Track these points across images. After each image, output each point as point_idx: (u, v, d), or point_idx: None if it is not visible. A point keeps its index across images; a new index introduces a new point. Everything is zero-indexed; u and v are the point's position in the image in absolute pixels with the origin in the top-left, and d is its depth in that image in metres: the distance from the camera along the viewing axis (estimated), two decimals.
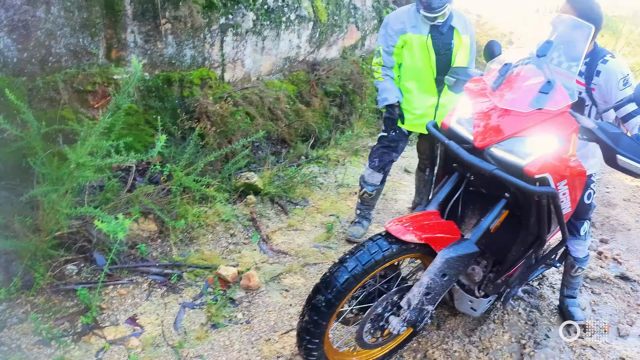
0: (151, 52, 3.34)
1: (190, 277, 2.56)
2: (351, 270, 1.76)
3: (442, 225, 1.96)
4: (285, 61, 4.83)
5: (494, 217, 1.94)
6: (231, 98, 3.88)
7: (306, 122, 4.71)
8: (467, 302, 2.35)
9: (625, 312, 3.25)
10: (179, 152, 3.16)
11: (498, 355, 2.52)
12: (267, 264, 2.89)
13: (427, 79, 3.06)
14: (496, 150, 1.83)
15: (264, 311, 2.47)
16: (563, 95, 1.88)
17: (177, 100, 3.53)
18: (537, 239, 2.06)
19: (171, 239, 2.73)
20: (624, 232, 4.93)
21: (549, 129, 1.83)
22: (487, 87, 2.00)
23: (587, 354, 2.71)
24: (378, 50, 3.09)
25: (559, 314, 2.98)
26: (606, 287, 3.54)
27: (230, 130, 3.72)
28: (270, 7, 4.39)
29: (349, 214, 3.74)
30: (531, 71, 1.96)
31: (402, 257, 1.93)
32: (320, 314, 1.78)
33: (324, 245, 3.22)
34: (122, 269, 2.40)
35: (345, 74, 5.45)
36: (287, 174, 3.87)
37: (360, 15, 6.09)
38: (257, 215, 3.33)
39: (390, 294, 1.98)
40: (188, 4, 3.48)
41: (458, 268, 1.87)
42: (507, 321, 2.81)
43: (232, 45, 4.05)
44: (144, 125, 3.24)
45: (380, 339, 2.10)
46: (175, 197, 2.86)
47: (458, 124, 2.01)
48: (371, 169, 3.21)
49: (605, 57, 2.28)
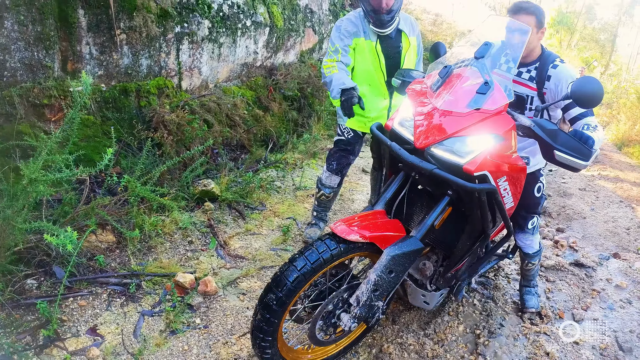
0: (107, 63, 3.38)
1: (149, 286, 2.66)
2: (300, 269, 1.83)
3: (388, 223, 2.03)
4: (242, 67, 4.92)
5: (438, 214, 2.03)
6: (188, 106, 3.96)
7: (265, 127, 4.84)
8: (420, 296, 2.45)
9: (580, 298, 3.44)
10: (136, 163, 3.24)
11: (453, 346, 2.66)
12: (224, 269, 3.01)
13: (378, 82, 3.15)
14: (436, 150, 1.91)
15: (221, 315, 2.59)
16: (500, 95, 1.97)
17: (135, 110, 3.59)
18: (481, 233, 2.15)
19: (129, 249, 2.82)
20: (580, 221, 5.24)
21: (488, 128, 1.91)
22: (428, 89, 2.11)
23: (541, 340, 2.86)
24: (335, 49, 3.03)
25: (515, 303, 3.14)
26: (561, 274, 3.73)
27: (188, 138, 3.81)
28: (226, 14, 4.48)
29: (305, 216, 3.90)
30: (469, 73, 2.06)
31: (350, 255, 2.01)
32: (272, 312, 1.84)
33: (281, 248, 3.36)
34: (81, 281, 2.47)
35: (303, 78, 5.60)
36: (244, 180, 3.98)
37: (317, 19, 6.24)
38: (215, 222, 3.44)
39: (340, 292, 2.06)
40: (142, 13, 3.54)
41: (404, 264, 1.95)
42: (461, 313, 2.95)
43: (188, 53, 4.12)
44: (102, 137, 3.30)
45: (333, 335, 2.17)
46: (132, 207, 2.94)
47: (400, 126, 2.10)
48: (329, 172, 3.33)
49: (555, 61, 2.39)
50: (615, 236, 4.84)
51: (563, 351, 2.83)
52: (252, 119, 4.78)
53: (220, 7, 4.37)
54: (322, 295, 2.10)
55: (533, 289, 3.13)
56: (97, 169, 2.42)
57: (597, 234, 4.85)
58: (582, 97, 1.94)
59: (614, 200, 6.34)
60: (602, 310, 3.33)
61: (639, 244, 4.72)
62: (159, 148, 3.49)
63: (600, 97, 1.94)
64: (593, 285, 3.69)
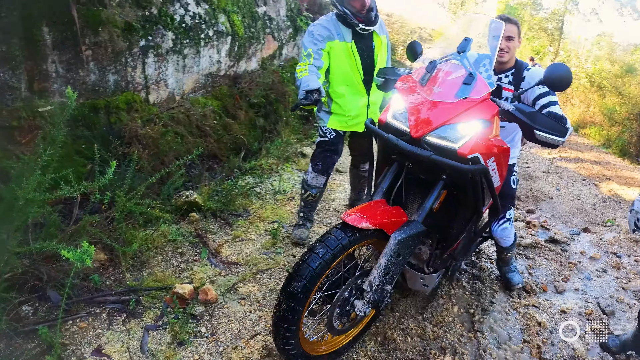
0: (74, 81, 3.28)
1: (148, 300, 2.59)
2: (322, 255, 1.91)
3: (391, 211, 2.16)
4: (207, 77, 4.89)
5: (435, 197, 2.17)
6: (159, 119, 3.90)
7: (235, 135, 4.82)
8: (419, 280, 2.57)
9: (559, 271, 3.66)
10: (115, 179, 3.15)
11: (451, 327, 2.78)
12: (220, 276, 2.98)
13: (356, 82, 3.24)
14: (431, 138, 2.05)
15: (226, 321, 2.57)
16: (483, 84, 2.14)
17: (105, 127, 3.49)
18: (474, 212, 2.31)
19: (122, 265, 2.74)
20: (547, 201, 5.56)
21: (475, 115, 2.07)
22: (417, 84, 2.24)
23: (531, 312, 3.03)
24: (308, 53, 3.09)
25: (501, 281, 3.31)
26: (538, 251, 3.95)
27: (163, 151, 3.75)
28: (189, 25, 4.44)
29: (290, 218, 3.92)
30: (454, 66, 2.24)
31: (362, 243, 2.11)
32: (297, 300, 1.89)
33: (272, 251, 3.36)
34: (78, 303, 2.38)
35: (267, 84, 5.62)
36: (224, 188, 3.95)
37: (276, 26, 6.28)
38: (202, 231, 3.40)
39: (354, 279, 2.16)
40: (108, 28, 3.46)
41: (410, 247, 2.07)
42: (454, 295, 3.09)
43: (154, 66, 4.06)
44: (75, 156, 3.19)
45: (347, 324, 2.27)
46: (120, 223, 2.86)
47: (394, 119, 2.22)
48: (315, 172, 3.36)
49: (528, 66, 2.75)
50: (583, 212, 5.15)
51: (553, 319, 3.00)
52: (221, 128, 4.75)
53: (182, 18, 4.33)
54: (333, 287, 2.18)
55: (513, 266, 3.32)
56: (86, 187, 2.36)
57: (566, 211, 5.14)
58: (554, 80, 2.12)
59: (577, 179, 6.72)
60: (581, 281, 3.55)
61: (606, 218, 5.03)
62: (137, 163, 3.41)
63: (570, 80, 2.11)
64: (569, 258, 3.92)
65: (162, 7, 4.09)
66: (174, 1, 4.29)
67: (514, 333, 2.84)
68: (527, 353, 2.67)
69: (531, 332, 2.86)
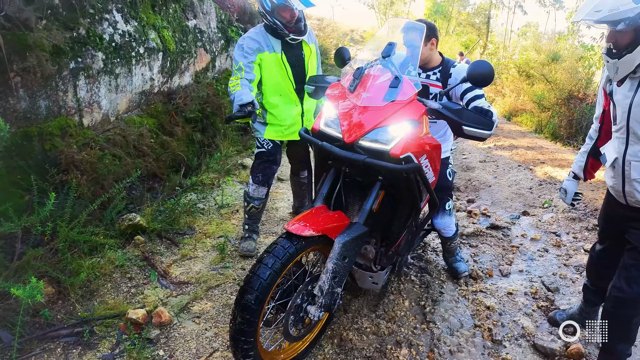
0: (4, 110, 3.18)
1: (102, 330, 2.60)
2: (271, 265, 1.96)
3: (332, 216, 2.23)
4: (141, 96, 4.84)
5: (374, 198, 2.26)
6: (95, 143, 3.84)
7: (173, 152, 4.81)
8: (368, 279, 2.66)
9: (503, 255, 3.88)
10: (56, 209, 3.10)
11: (404, 321, 2.91)
12: (172, 297, 3.03)
13: (288, 91, 3.37)
14: (364, 142, 2.14)
15: (183, 342, 2.63)
16: (410, 86, 2.25)
17: (40, 155, 3.41)
18: (412, 209, 2.41)
19: (72, 297, 2.72)
20: (486, 189, 5.82)
21: (404, 116, 2.17)
22: (346, 90, 2.35)
23: (480, 297, 3.21)
24: (239, 67, 3.17)
25: (448, 272, 3.50)
26: (481, 238, 4.17)
27: (102, 175, 3.70)
28: (118, 44, 4.39)
29: (236, 232, 4.00)
30: (380, 71, 2.33)
31: (309, 249, 2.16)
32: (251, 312, 1.93)
33: (221, 266, 3.44)
34: (31, 340, 2.35)
35: (202, 98, 5.64)
36: (167, 207, 3.97)
37: (207, 38, 6.30)
38: (149, 254, 3.41)
39: (305, 285, 2.21)
40: (35, 52, 3.37)
41: (354, 249, 2.15)
42: (404, 290, 3.22)
43: (86, 88, 3.99)
44: (11, 188, 3.10)
45: (302, 330, 2.34)
46: (64, 254, 2.84)
47: (326, 126, 2.30)
48: (256, 184, 3.46)
49: (455, 63, 2.90)
50: (521, 197, 5.46)
51: (501, 302, 3.21)
52: (159, 146, 4.73)
53: (112, 37, 4.27)
54: (284, 295, 2.21)
55: (458, 256, 3.52)
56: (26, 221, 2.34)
57: (504, 197, 5.45)
58: (477, 77, 2.25)
59: (512, 165, 7.06)
60: (525, 262, 3.82)
61: (543, 200, 5.36)
62: (75, 190, 3.36)
63: (491, 75, 2.23)
64: (511, 242, 4.18)
65: (90, 27, 4.02)
66: (102, 20, 4.22)
67: (465, 319, 2.98)
68: (479, 337, 2.82)
69: (481, 316, 3.01)
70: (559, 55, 12.14)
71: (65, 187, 3.25)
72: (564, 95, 10.41)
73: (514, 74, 13.44)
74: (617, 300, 2.28)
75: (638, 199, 2.18)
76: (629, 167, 2.16)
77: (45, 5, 3.54)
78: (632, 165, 2.15)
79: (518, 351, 2.72)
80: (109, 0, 4.32)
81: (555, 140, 9.69)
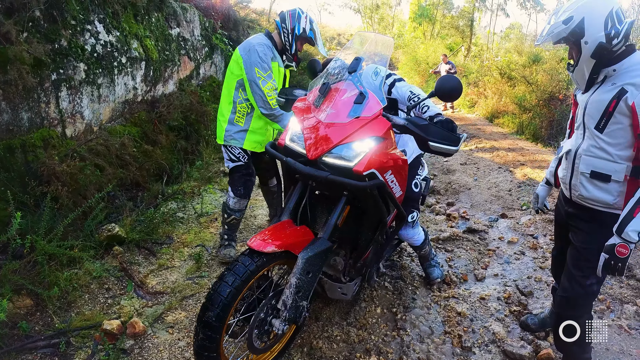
0: None
1: (78, 341, 2.71)
2: (232, 283, 1.96)
3: (297, 231, 2.22)
4: (124, 105, 4.93)
5: (339, 213, 2.24)
6: (77, 154, 3.94)
7: (156, 160, 4.91)
8: (337, 290, 2.66)
9: (479, 259, 3.85)
10: (35, 221, 3.20)
11: (375, 328, 2.91)
12: (147, 307, 3.13)
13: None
14: (327, 158, 2.14)
15: (156, 352, 2.73)
16: (375, 102, 2.23)
17: (23, 167, 3.50)
18: (379, 223, 2.39)
19: (49, 308, 2.82)
20: (466, 192, 5.80)
21: (369, 132, 2.15)
22: (311, 105, 2.33)
23: (452, 303, 3.19)
24: (269, 74, 3.28)
25: (423, 278, 3.47)
26: (457, 242, 4.15)
27: (83, 186, 3.80)
28: (101, 54, 4.48)
29: (213, 241, 4.11)
30: (345, 86, 2.32)
31: (272, 265, 2.15)
32: (213, 329, 1.94)
33: (197, 275, 3.54)
34: (9, 352, 2.46)
35: (186, 106, 5.73)
36: (146, 217, 4.06)
37: (191, 46, 6.38)
38: (127, 264, 3.51)
39: (268, 299, 2.20)
40: (16, 66, 3.46)
41: (318, 264, 2.13)
42: (376, 297, 3.21)
43: (68, 99, 4.08)
44: None
45: (268, 342, 2.34)
46: (42, 267, 2.94)
47: (291, 141, 2.30)
48: (238, 197, 3.55)
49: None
50: (500, 199, 5.46)
51: (473, 308, 3.22)
52: (142, 155, 4.83)
53: (93, 47, 4.36)
54: (250, 308, 2.22)
55: (432, 261, 3.51)
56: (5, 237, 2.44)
57: (484, 200, 5.42)
58: (444, 92, 2.23)
59: (493, 168, 6.97)
60: (500, 266, 3.82)
61: (522, 202, 5.37)
62: (56, 201, 3.46)
63: (459, 91, 2.21)
64: (488, 245, 4.18)
65: (71, 39, 4.11)
66: (84, 31, 4.31)
67: (436, 326, 2.98)
68: (449, 344, 2.82)
69: (452, 322, 3.01)
70: (540, 57, 12.23)
71: (45, 199, 3.35)
72: (545, 96, 10.49)
73: (497, 76, 13.57)
74: (561, 301, 2.32)
75: (581, 193, 2.24)
76: (579, 160, 2.23)
77: (26, 18, 3.62)
78: (582, 159, 2.21)
79: (487, 357, 2.73)
80: (90, 11, 4.41)
81: (536, 141, 9.75)
